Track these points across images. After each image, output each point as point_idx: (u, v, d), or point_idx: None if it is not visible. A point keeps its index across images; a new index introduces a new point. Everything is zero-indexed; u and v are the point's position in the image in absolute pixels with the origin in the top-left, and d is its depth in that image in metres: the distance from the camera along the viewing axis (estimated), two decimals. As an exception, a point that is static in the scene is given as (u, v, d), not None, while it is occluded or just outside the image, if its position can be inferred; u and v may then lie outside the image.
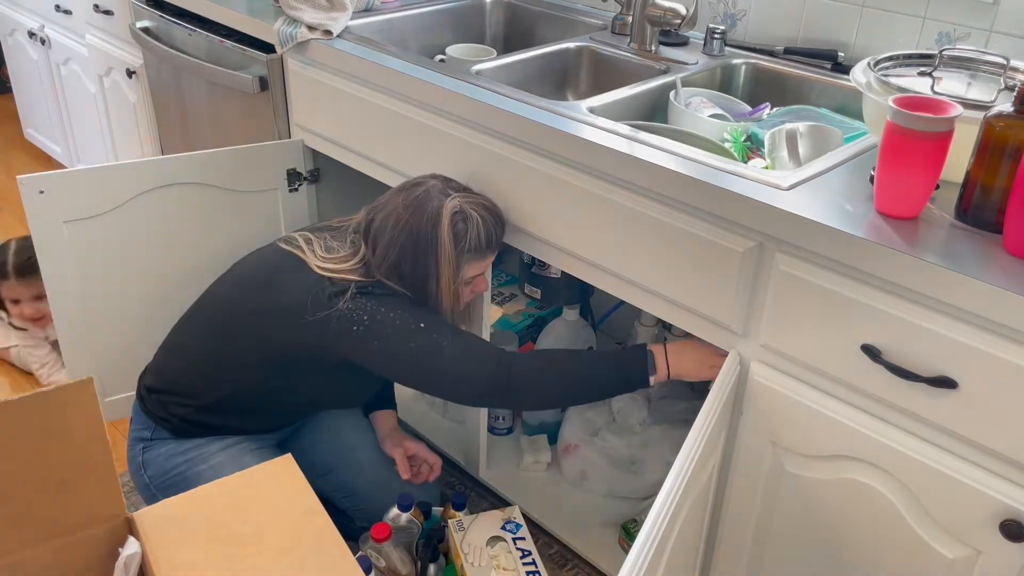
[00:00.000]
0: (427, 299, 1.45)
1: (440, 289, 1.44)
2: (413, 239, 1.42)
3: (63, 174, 1.63)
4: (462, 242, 1.42)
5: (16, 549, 1.15)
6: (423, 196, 1.43)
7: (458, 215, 1.42)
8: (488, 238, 1.45)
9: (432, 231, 1.41)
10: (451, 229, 1.41)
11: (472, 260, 1.45)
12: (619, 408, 1.79)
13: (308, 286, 1.43)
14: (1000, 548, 1.07)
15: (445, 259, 1.42)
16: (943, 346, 1.05)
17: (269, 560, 1.20)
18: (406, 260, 1.43)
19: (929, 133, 1.03)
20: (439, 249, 1.41)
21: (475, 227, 1.42)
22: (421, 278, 1.43)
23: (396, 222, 1.43)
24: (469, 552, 1.60)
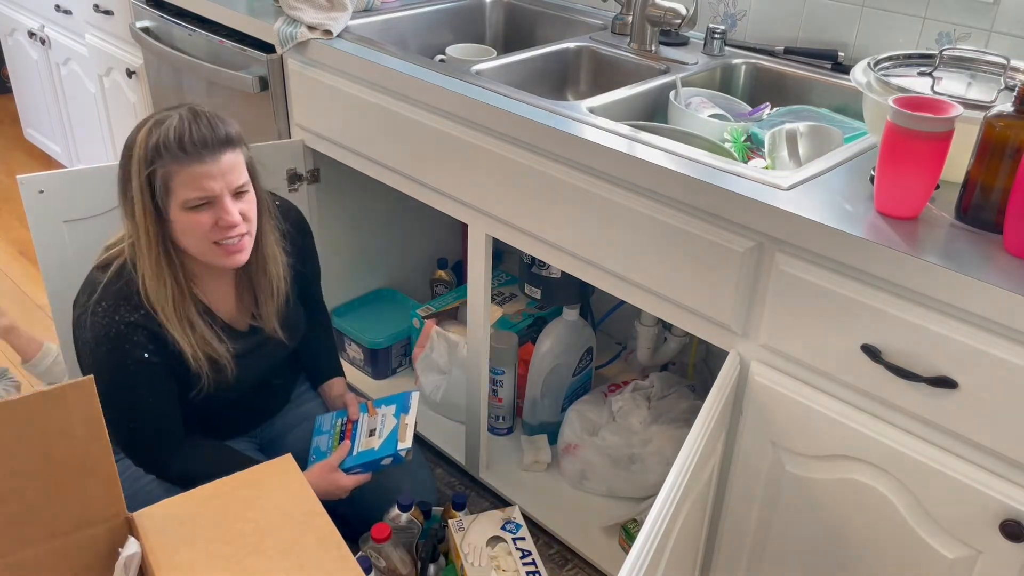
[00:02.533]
0: (136, 223, 1.34)
1: (136, 208, 1.33)
2: (122, 156, 1.35)
3: (63, 174, 1.63)
4: (152, 141, 1.30)
5: (16, 549, 1.15)
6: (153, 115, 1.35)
7: (158, 121, 1.32)
8: (180, 139, 1.29)
9: (131, 140, 1.33)
10: (146, 134, 1.31)
11: (171, 170, 1.30)
12: (619, 408, 1.80)
13: (84, 284, 1.43)
14: (1000, 548, 1.07)
15: (135, 166, 1.31)
16: (943, 346, 1.05)
17: (269, 560, 1.20)
18: (120, 183, 1.35)
19: (929, 133, 1.03)
20: (133, 156, 1.31)
21: (170, 128, 1.30)
22: (125, 197, 1.35)
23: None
24: (469, 552, 1.60)
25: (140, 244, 1.35)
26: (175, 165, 1.31)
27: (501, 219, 1.52)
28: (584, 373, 1.96)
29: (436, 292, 2.29)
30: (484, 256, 1.61)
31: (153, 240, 1.35)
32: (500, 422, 1.97)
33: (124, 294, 1.37)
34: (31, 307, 2.56)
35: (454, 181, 1.58)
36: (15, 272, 2.74)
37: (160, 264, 1.36)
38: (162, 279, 1.37)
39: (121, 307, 1.36)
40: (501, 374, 1.90)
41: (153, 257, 1.35)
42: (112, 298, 1.36)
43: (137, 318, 1.36)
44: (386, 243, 2.22)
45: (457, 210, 1.61)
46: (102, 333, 1.36)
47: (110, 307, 1.36)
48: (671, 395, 1.83)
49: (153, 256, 1.35)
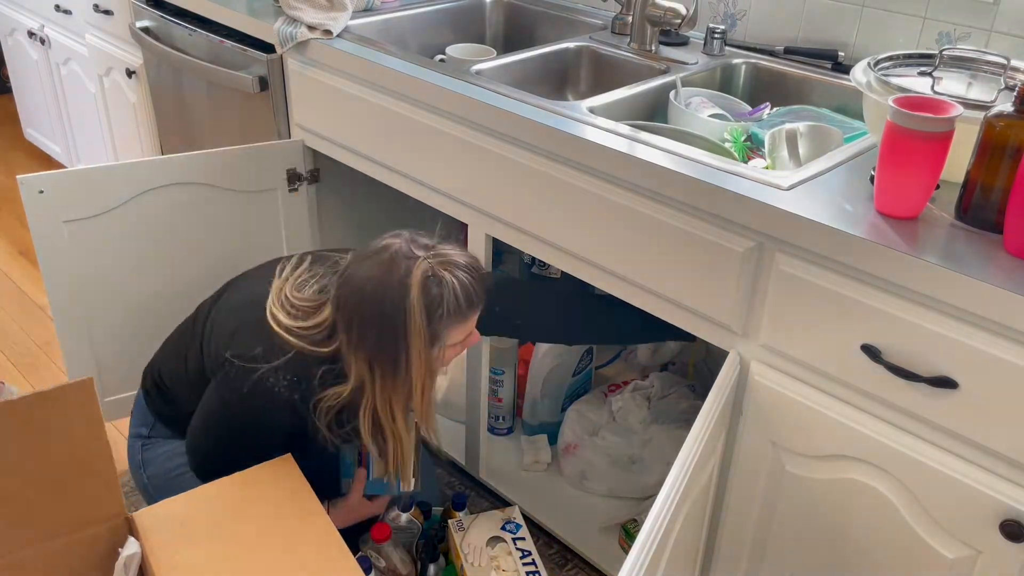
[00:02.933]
0: (398, 376, 1.30)
1: (411, 365, 1.28)
2: (380, 314, 1.26)
3: (63, 174, 1.63)
4: (438, 310, 1.26)
5: (16, 549, 1.15)
6: (388, 262, 1.26)
7: (430, 280, 1.25)
8: (468, 298, 1.28)
9: (400, 303, 1.24)
10: (422, 298, 1.24)
11: (452, 325, 1.29)
12: (619, 408, 1.80)
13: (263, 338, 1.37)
14: (1000, 548, 1.07)
15: (416, 332, 1.25)
16: (943, 346, 1.05)
17: (269, 560, 1.20)
18: (373, 337, 1.27)
19: (929, 133, 1.03)
20: (408, 322, 1.25)
21: (451, 289, 1.26)
22: (390, 355, 1.28)
23: (360, 296, 1.28)
24: (469, 552, 1.60)
25: (395, 395, 1.32)
26: (459, 324, 1.30)
27: (501, 219, 1.52)
28: (584, 373, 1.96)
29: (436, 292, 2.29)
30: (484, 256, 1.61)
31: (420, 387, 1.32)
32: (500, 422, 1.97)
33: (305, 376, 1.34)
34: (31, 307, 2.56)
35: (454, 181, 1.58)
36: (15, 272, 2.73)
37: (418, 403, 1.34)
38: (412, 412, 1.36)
39: (295, 388, 1.33)
40: (501, 374, 1.90)
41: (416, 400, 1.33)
42: (295, 375, 1.33)
43: (295, 400, 1.34)
44: (386, 243, 2.21)
45: (457, 210, 1.61)
46: (268, 391, 1.33)
47: (282, 380, 1.33)
48: (671, 395, 1.83)
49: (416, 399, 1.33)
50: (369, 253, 1.30)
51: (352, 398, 1.33)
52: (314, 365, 1.33)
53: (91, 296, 1.74)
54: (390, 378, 1.30)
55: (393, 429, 1.35)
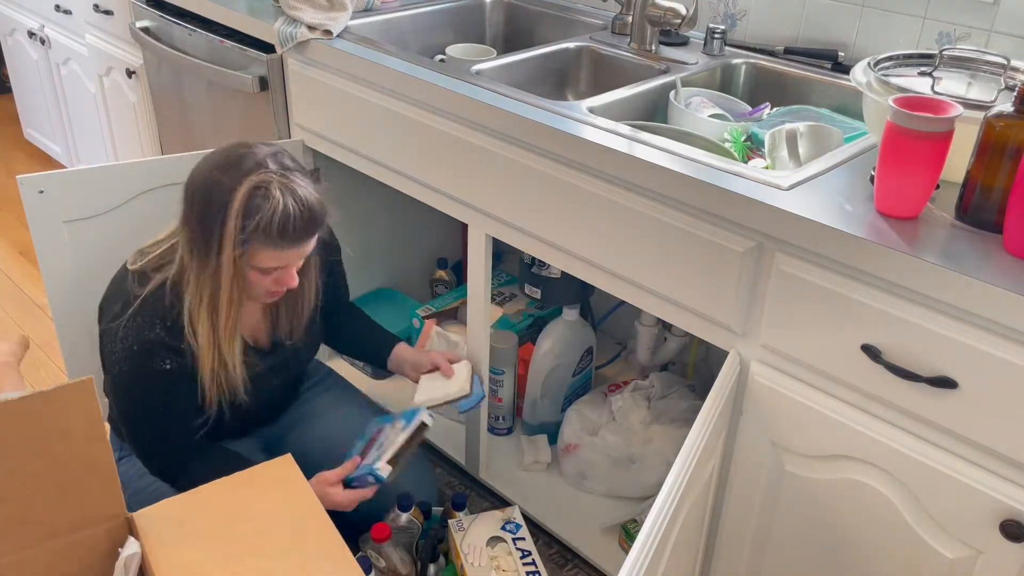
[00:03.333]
0: (208, 265, 1.32)
1: (221, 260, 1.31)
2: (206, 197, 1.30)
3: (63, 174, 1.63)
4: (252, 219, 1.28)
5: (16, 549, 1.15)
6: (239, 156, 1.31)
7: (259, 190, 1.28)
8: (283, 228, 1.29)
9: (226, 195, 1.28)
10: (244, 203, 1.27)
11: (263, 247, 1.31)
12: (619, 408, 1.80)
13: (111, 289, 1.43)
14: (1000, 548, 1.07)
15: (229, 229, 1.28)
16: (943, 346, 1.05)
17: (269, 560, 1.20)
18: (195, 217, 1.32)
19: (929, 133, 1.03)
20: (227, 213, 1.28)
21: (271, 209, 1.27)
22: (204, 236, 1.31)
23: (201, 174, 1.33)
24: (469, 552, 1.60)
25: (203, 283, 1.34)
26: (268, 248, 1.31)
27: (501, 219, 1.52)
28: (584, 373, 1.96)
29: (436, 292, 2.29)
30: (484, 256, 1.61)
31: (226, 289, 1.34)
32: (500, 422, 1.97)
33: (160, 314, 1.37)
34: (31, 307, 2.56)
35: (454, 181, 1.58)
36: (15, 272, 2.74)
37: (221, 305, 1.36)
38: (217, 317, 1.37)
39: (156, 325, 1.36)
40: (501, 374, 1.90)
41: (219, 301, 1.35)
42: (148, 316, 1.36)
43: (169, 339, 1.37)
44: (386, 243, 2.22)
45: (457, 210, 1.61)
46: (134, 347, 1.36)
47: (145, 324, 1.36)
48: (671, 395, 1.83)
49: (220, 300, 1.35)
50: (233, 144, 1.35)
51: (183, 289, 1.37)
52: (168, 292, 1.37)
53: (91, 296, 1.73)
54: (203, 264, 1.33)
55: (204, 327, 1.37)
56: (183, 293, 1.37)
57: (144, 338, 1.36)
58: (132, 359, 1.37)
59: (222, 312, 1.36)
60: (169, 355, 1.37)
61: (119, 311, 1.38)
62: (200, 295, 1.35)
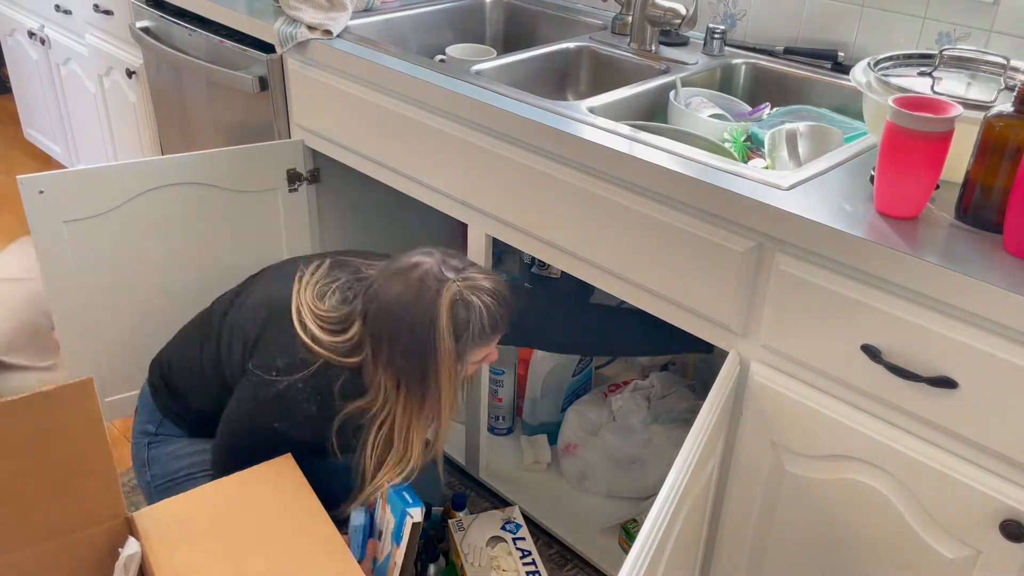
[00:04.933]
0: (426, 393, 1.32)
1: (441, 385, 1.31)
2: (409, 332, 1.28)
3: (63, 174, 1.63)
4: (464, 333, 1.29)
5: (16, 549, 1.15)
6: (418, 282, 1.29)
7: (459, 304, 1.28)
8: (493, 323, 1.31)
9: (430, 324, 1.27)
10: (451, 321, 1.27)
11: (476, 348, 1.33)
12: (619, 408, 1.80)
13: (276, 336, 1.40)
14: (1000, 548, 1.07)
15: (445, 354, 1.28)
16: (943, 346, 1.05)
17: (269, 560, 1.20)
18: (401, 355, 1.30)
19: (929, 133, 1.03)
20: (438, 344, 1.27)
21: (478, 314, 1.28)
22: (417, 374, 1.30)
23: (389, 314, 1.30)
24: (469, 552, 1.60)
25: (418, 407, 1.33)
26: (482, 346, 1.33)
27: (501, 219, 1.52)
28: (584, 373, 1.96)
29: (436, 292, 2.28)
30: (484, 256, 1.61)
31: (449, 405, 1.34)
32: (500, 422, 1.97)
33: (321, 393, 1.36)
34: (31, 307, 2.55)
35: (454, 181, 1.58)
36: (15, 272, 2.73)
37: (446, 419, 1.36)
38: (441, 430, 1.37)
39: (311, 402, 1.36)
40: (501, 374, 1.90)
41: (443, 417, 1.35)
42: (311, 390, 1.36)
43: (311, 416, 1.36)
44: (386, 243, 2.21)
45: (457, 210, 1.61)
46: (280, 405, 1.36)
47: (302, 398, 1.36)
48: (671, 395, 1.83)
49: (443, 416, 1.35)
50: (399, 270, 1.32)
51: (370, 412, 1.35)
52: (335, 379, 1.35)
53: (91, 296, 1.74)
54: (417, 396, 1.32)
55: (407, 447, 1.36)
56: (378, 413, 1.35)
57: (295, 402, 1.35)
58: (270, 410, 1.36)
59: (444, 420, 1.36)
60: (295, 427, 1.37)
61: (282, 366, 1.36)
62: (410, 415, 1.34)
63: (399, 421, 1.34)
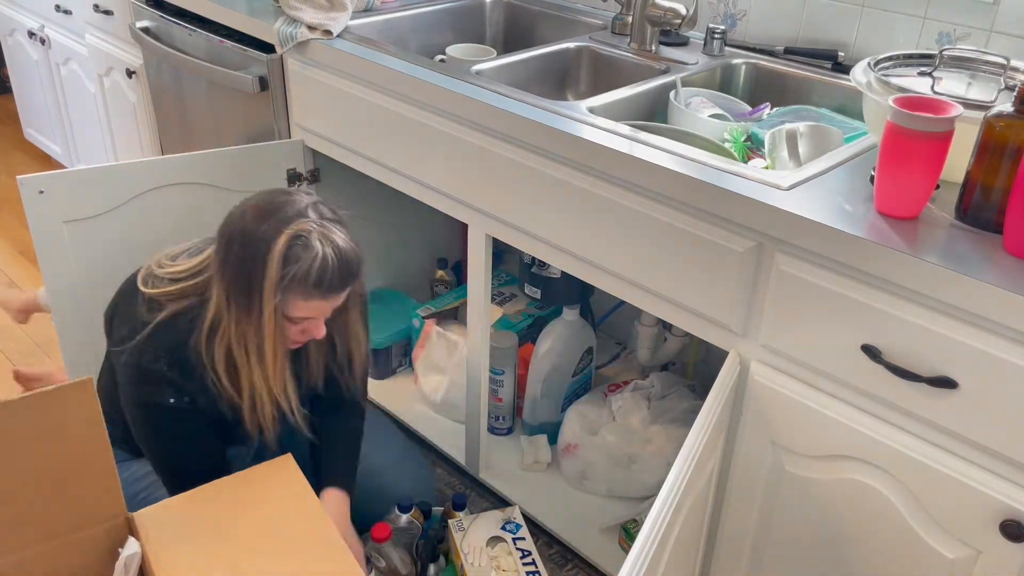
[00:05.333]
0: (251, 314, 1.30)
1: (264, 309, 1.29)
2: (246, 244, 1.28)
3: (63, 174, 1.63)
4: (291, 267, 1.26)
5: (16, 549, 1.15)
6: (280, 204, 1.30)
7: (301, 239, 1.27)
8: (319, 279, 1.28)
9: (267, 242, 1.27)
10: (284, 250, 1.26)
11: (296, 295, 1.29)
12: (619, 408, 1.80)
13: (120, 306, 1.38)
14: (1000, 548, 1.07)
15: (269, 280, 1.27)
16: (943, 346, 1.05)
17: (269, 560, 1.20)
18: (234, 262, 1.30)
19: (929, 133, 1.03)
20: (267, 265, 1.26)
21: (310, 258, 1.26)
22: (244, 286, 1.29)
23: (241, 218, 1.31)
24: (469, 552, 1.60)
25: (247, 332, 1.32)
26: (301, 298, 1.30)
27: (501, 219, 1.52)
28: (584, 373, 1.96)
29: (436, 292, 2.29)
30: (484, 256, 1.61)
31: (270, 338, 1.32)
32: (500, 422, 1.97)
33: (168, 346, 1.34)
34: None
35: (454, 181, 1.58)
36: (15, 272, 2.73)
37: (267, 353, 1.34)
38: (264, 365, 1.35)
39: (161, 359, 1.34)
40: (501, 374, 1.90)
41: (265, 350, 1.33)
42: (153, 347, 1.34)
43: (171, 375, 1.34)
44: (386, 243, 2.22)
45: (457, 210, 1.61)
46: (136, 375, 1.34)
47: (149, 354, 1.34)
48: (671, 395, 1.83)
49: (266, 349, 1.33)
50: (272, 190, 1.35)
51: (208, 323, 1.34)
52: (181, 331, 1.34)
53: (91, 296, 1.73)
54: (244, 311, 1.31)
55: (248, 373, 1.35)
56: (215, 333, 1.33)
57: (148, 369, 1.33)
58: (135, 386, 1.35)
59: (268, 360, 1.34)
60: (171, 391, 1.35)
61: (127, 334, 1.35)
62: (244, 343, 1.32)
63: (235, 346, 1.33)
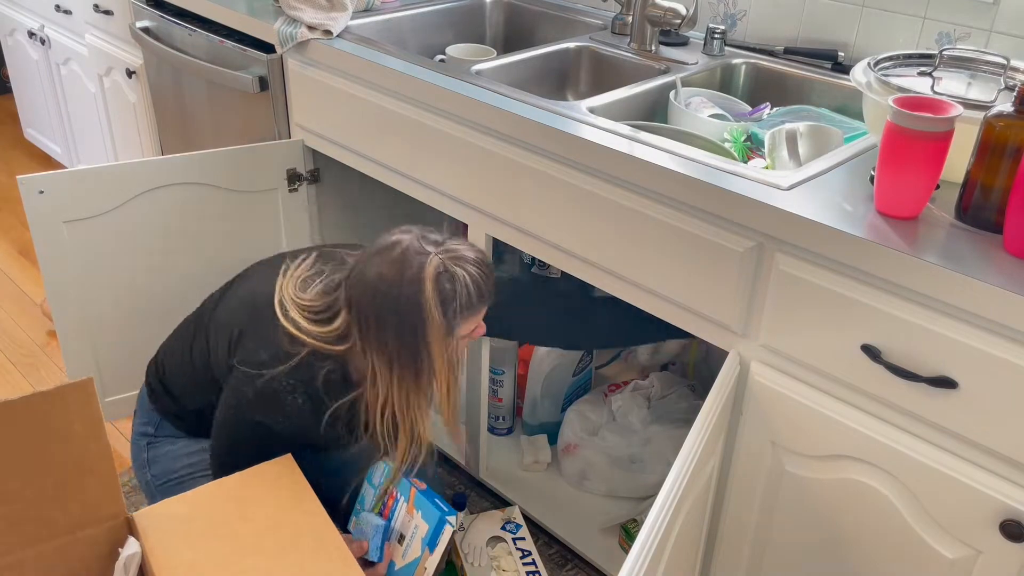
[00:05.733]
0: (420, 373, 1.31)
1: (434, 360, 1.30)
2: (395, 312, 1.27)
3: (63, 174, 1.63)
4: (451, 304, 1.27)
5: (16, 549, 1.15)
6: (399, 258, 1.27)
7: (443, 275, 1.26)
8: (479, 292, 1.29)
9: (415, 299, 1.26)
10: (436, 294, 1.26)
11: (464, 319, 1.31)
12: (619, 408, 1.80)
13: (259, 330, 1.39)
14: (1000, 548, 1.07)
15: (434, 328, 1.27)
16: (943, 346, 1.05)
17: (269, 560, 1.20)
18: (391, 335, 1.28)
19: (929, 133, 1.03)
20: (426, 318, 1.26)
21: (463, 284, 1.27)
22: (409, 352, 1.29)
23: (375, 294, 1.28)
24: (469, 552, 1.61)
25: (413, 385, 1.31)
26: (471, 316, 1.31)
27: (501, 219, 1.52)
28: (584, 373, 1.96)
29: (436, 292, 2.29)
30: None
31: (445, 379, 1.33)
32: (500, 422, 1.97)
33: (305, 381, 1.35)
34: (31, 307, 2.56)
35: (454, 181, 1.58)
36: (15, 272, 2.74)
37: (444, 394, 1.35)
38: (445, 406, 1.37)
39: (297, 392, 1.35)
40: (501, 374, 1.90)
41: (440, 392, 1.34)
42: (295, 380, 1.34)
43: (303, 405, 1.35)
44: (386, 243, 2.22)
45: (457, 210, 1.61)
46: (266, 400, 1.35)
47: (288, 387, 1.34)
48: (671, 395, 1.83)
49: (440, 392, 1.34)
50: (379, 250, 1.30)
51: (367, 400, 1.34)
52: (320, 369, 1.34)
53: (91, 296, 1.74)
54: (411, 376, 1.31)
55: (414, 428, 1.35)
56: (378, 410, 1.33)
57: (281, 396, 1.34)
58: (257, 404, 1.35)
59: (448, 403, 1.36)
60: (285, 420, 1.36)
61: (267, 360, 1.34)
62: (407, 395, 1.32)
63: (398, 404, 1.33)
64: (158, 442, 1.55)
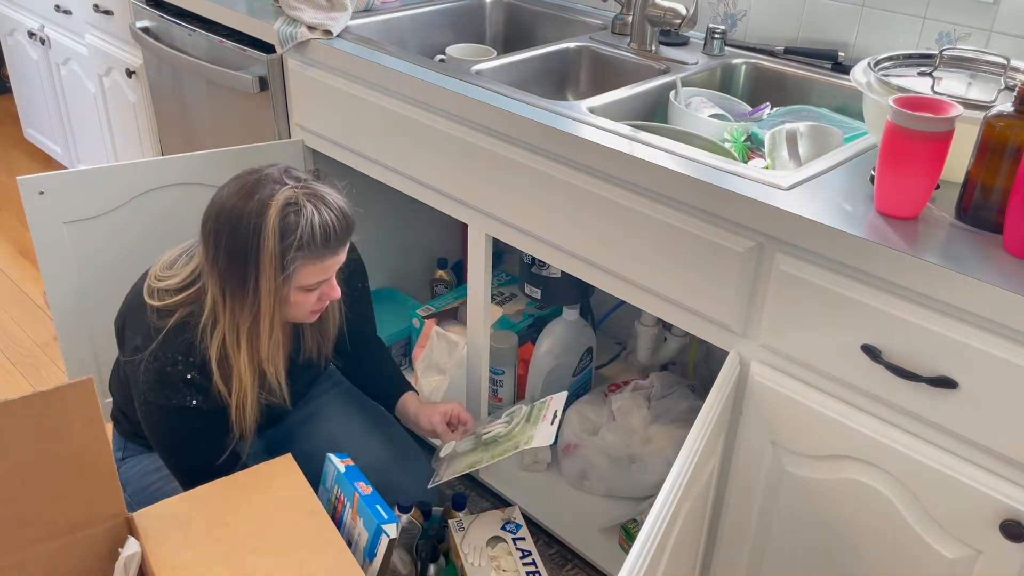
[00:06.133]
0: (245, 301, 1.28)
1: (260, 291, 1.26)
2: (234, 231, 1.24)
3: (63, 174, 1.63)
4: (290, 237, 1.23)
5: (16, 549, 1.15)
6: (254, 183, 1.26)
7: (290, 207, 1.24)
8: (325, 235, 1.26)
9: (256, 221, 1.23)
10: (278, 221, 1.22)
11: (307, 261, 1.27)
12: (619, 408, 1.79)
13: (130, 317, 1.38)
14: (1000, 548, 1.07)
15: (267, 255, 1.23)
16: (943, 346, 1.05)
17: (269, 560, 1.20)
18: (224, 255, 1.26)
19: (929, 133, 1.03)
20: (260, 244, 1.23)
21: (308, 221, 1.24)
22: (239, 275, 1.26)
23: (220, 209, 1.27)
24: (469, 552, 1.61)
25: (241, 318, 1.30)
26: (311, 262, 1.28)
27: (501, 219, 1.52)
28: (584, 373, 1.96)
29: (436, 292, 2.29)
30: (484, 256, 1.61)
31: (268, 319, 1.30)
32: (500, 422, 1.97)
33: (183, 350, 1.33)
34: (31, 307, 2.56)
35: (454, 181, 1.58)
36: (15, 272, 2.74)
37: (263, 331, 1.33)
38: (259, 343, 1.34)
39: (179, 362, 1.33)
40: (501, 374, 1.90)
41: (261, 328, 1.32)
42: (171, 352, 1.33)
43: (192, 376, 1.34)
44: (386, 243, 2.21)
45: (457, 210, 1.61)
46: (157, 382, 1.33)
47: (168, 360, 1.33)
48: (671, 395, 1.83)
49: (262, 327, 1.32)
50: (239, 175, 1.30)
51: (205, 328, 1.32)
52: (192, 334, 1.32)
53: (91, 296, 1.74)
54: (238, 301, 1.29)
55: (237, 365, 1.33)
56: (212, 332, 1.32)
57: (167, 374, 1.33)
58: (156, 392, 1.34)
59: (263, 337, 1.33)
60: (193, 392, 1.35)
61: (141, 343, 1.34)
62: (237, 329, 1.31)
63: (229, 340, 1.31)
64: (126, 463, 1.54)
